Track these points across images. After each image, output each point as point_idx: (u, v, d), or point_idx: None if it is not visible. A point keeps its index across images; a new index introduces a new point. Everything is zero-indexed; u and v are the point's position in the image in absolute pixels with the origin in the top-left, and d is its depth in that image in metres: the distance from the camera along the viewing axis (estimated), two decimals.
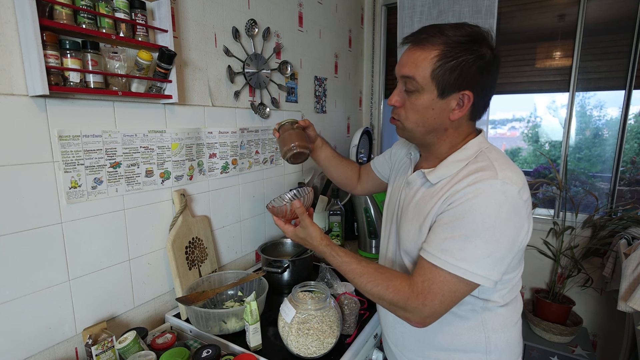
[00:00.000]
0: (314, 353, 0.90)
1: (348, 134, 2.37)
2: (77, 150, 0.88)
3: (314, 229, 0.84)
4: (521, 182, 0.67)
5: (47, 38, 0.77)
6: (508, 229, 0.65)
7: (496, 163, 0.69)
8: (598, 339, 2.04)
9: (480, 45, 0.69)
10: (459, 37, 0.68)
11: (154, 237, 1.11)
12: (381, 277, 0.73)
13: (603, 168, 2.02)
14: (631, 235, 1.64)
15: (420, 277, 0.68)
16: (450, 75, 0.68)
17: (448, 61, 0.67)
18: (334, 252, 0.80)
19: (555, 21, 1.98)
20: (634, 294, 1.33)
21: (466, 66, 0.68)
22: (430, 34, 0.70)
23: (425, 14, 2.13)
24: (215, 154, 1.30)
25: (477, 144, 0.76)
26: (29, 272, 0.82)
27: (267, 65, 1.51)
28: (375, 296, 0.73)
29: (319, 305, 0.91)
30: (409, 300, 0.67)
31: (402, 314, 0.70)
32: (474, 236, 0.64)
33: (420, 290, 0.67)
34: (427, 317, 0.68)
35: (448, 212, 0.68)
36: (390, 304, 0.71)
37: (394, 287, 0.70)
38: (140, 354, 0.85)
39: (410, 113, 0.75)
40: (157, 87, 1.02)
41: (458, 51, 0.67)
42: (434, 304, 0.66)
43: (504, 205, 0.64)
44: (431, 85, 0.70)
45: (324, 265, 1.17)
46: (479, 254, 0.64)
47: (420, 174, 0.80)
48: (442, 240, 0.67)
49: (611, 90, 1.93)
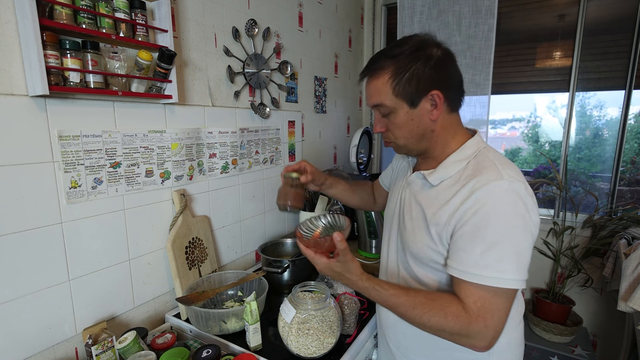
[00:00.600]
0: (314, 353, 0.90)
1: (348, 134, 2.37)
2: (77, 150, 0.88)
3: (354, 265, 0.74)
4: (523, 178, 0.70)
5: (47, 38, 0.77)
6: (527, 227, 0.66)
7: (497, 162, 0.71)
8: (598, 339, 2.04)
9: (424, 49, 0.73)
10: (402, 51, 0.73)
11: (154, 237, 1.11)
12: (436, 306, 0.68)
13: (603, 168, 2.02)
14: (631, 235, 1.64)
15: (469, 298, 0.66)
16: (410, 86, 0.72)
17: (402, 76, 0.72)
18: (378, 286, 0.73)
19: (555, 21, 1.98)
20: (634, 294, 1.33)
21: (419, 72, 0.72)
22: (378, 61, 0.76)
23: (425, 14, 2.13)
24: (215, 154, 1.30)
25: (475, 143, 0.78)
26: (29, 272, 0.82)
27: (267, 65, 1.51)
28: (433, 328, 0.68)
29: (319, 305, 0.91)
30: (471, 326, 0.65)
31: (465, 341, 0.67)
32: (504, 242, 0.65)
33: (477, 312, 0.65)
34: (492, 339, 0.66)
35: (467, 224, 0.68)
36: (452, 335, 0.67)
37: (452, 314, 0.66)
38: (140, 354, 0.85)
39: (396, 132, 0.79)
40: (157, 87, 1.02)
41: (406, 63, 0.72)
42: (494, 322, 0.65)
43: (517, 202, 0.66)
44: (399, 102, 0.74)
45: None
46: (515, 259, 0.65)
47: (420, 175, 0.81)
48: (477, 257, 0.66)
49: (611, 90, 1.93)
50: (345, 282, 0.76)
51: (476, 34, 2.00)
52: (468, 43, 2.03)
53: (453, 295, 0.70)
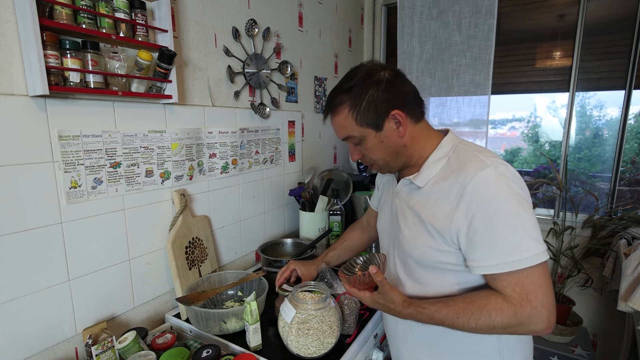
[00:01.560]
0: (314, 353, 0.90)
1: None
2: (77, 150, 0.88)
3: (395, 294, 0.76)
4: (504, 161, 0.73)
5: (47, 38, 0.77)
6: (524, 200, 0.69)
7: (476, 152, 0.75)
8: (598, 339, 2.04)
9: (372, 76, 0.76)
10: (354, 83, 0.77)
11: (154, 237, 1.11)
12: (476, 307, 0.69)
13: (603, 168, 2.02)
14: (631, 235, 1.64)
15: (507, 289, 0.67)
16: (369, 113, 0.76)
17: (359, 105, 0.76)
18: (420, 308, 0.75)
19: (555, 21, 1.98)
20: (634, 294, 1.33)
21: (374, 98, 0.75)
22: (334, 99, 0.80)
23: (425, 14, 2.13)
24: (215, 154, 1.30)
25: (450, 140, 0.81)
26: (29, 272, 0.82)
27: (267, 65, 1.51)
28: (484, 329, 0.69)
29: (319, 305, 0.91)
30: (518, 313, 0.66)
31: (523, 329, 0.67)
32: (517, 223, 0.66)
33: (519, 298, 0.66)
34: (549, 316, 0.66)
35: (475, 219, 0.69)
36: (505, 328, 0.68)
37: (494, 309, 0.67)
38: (140, 354, 0.85)
39: (372, 155, 0.83)
40: (157, 87, 1.02)
41: (359, 94, 0.76)
42: (542, 300, 0.65)
43: (508, 184, 0.69)
44: (365, 129, 0.78)
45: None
46: (532, 234, 0.66)
47: (406, 182, 0.83)
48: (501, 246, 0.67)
49: (611, 90, 1.93)
50: (392, 312, 0.78)
51: (476, 34, 2.00)
52: (468, 43, 2.03)
53: (489, 290, 0.71)
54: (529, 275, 0.66)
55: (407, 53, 2.19)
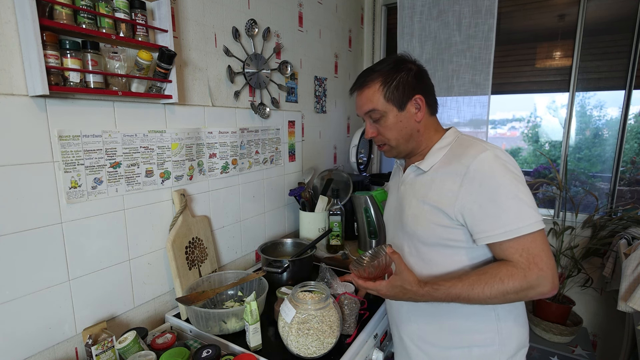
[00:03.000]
0: (314, 353, 0.90)
1: (348, 134, 2.37)
2: (77, 150, 0.88)
3: (411, 275, 0.79)
4: (500, 147, 0.82)
5: (47, 38, 0.77)
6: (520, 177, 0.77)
7: (476, 141, 0.84)
8: (598, 339, 2.04)
9: (405, 63, 0.87)
10: (386, 66, 0.87)
11: (154, 237, 1.11)
12: (489, 277, 0.74)
13: (603, 168, 2.02)
14: (631, 235, 1.64)
15: (515, 255, 0.73)
16: (397, 92, 0.86)
17: (390, 84, 0.85)
18: (435, 286, 0.78)
19: (555, 21, 1.98)
20: (634, 294, 1.33)
21: (404, 80, 0.85)
22: (366, 77, 0.89)
23: (425, 14, 2.13)
24: (215, 154, 1.30)
25: (453, 132, 0.91)
26: (29, 272, 0.82)
27: (267, 65, 1.51)
28: (498, 297, 0.73)
29: (319, 305, 0.91)
30: (528, 277, 0.71)
31: (532, 293, 0.72)
32: (514, 194, 0.73)
33: (527, 262, 0.72)
34: (554, 278, 0.72)
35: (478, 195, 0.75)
36: (517, 293, 0.72)
37: (506, 276, 0.72)
38: (140, 354, 0.85)
39: (387, 134, 0.90)
40: (157, 87, 1.02)
41: (392, 74, 0.86)
42: (545, 262, 0.72)
43: (505, 164, 0.77)
44: (389, 106, 0.87)
45: (324, 266, 1.17)
46: (529, 204, 0.74)
47: (413, 168, 0.91)
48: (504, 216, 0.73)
49: (611, 90, 1.93)
50: (409, 295, 0.80)
51: (476, 34, 2.00)
52: (468, 43, 2.03)
53: (498, 261, 0.77)
54: (533, 241, 0.73)
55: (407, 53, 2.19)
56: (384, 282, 0.82)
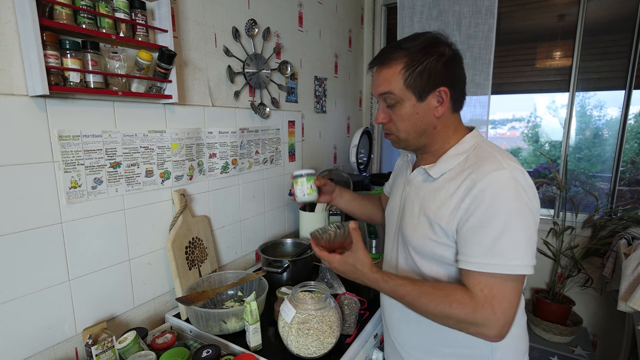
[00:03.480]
0: (314, 353, 0.90)
1: (348, 134, 2.37)
2: (77, 150, 0.88)
3: (365, 256, 0.78)
4: (522, 167, 0.72)
5: (47, 38, 0.77)
6: (530, 212, 0.68)
7: (496, 153, 0.73)
8: (598, 339, 2.04)
9: (437, 46, 0.75)
10: (416, 46, 0.75)
11: (154, 237, 1.11)
12: (441, 294, 0.70)
13: (603, 168, 2.02)
14: (631, 235, 1.64)
15: (476, 287, 0.67)
16: (420, 79, 0.74)
17: (415, 68, 0.74)
18: (386, 277, 0.76)
19: (555, 21, 1.98)
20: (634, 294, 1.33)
21: (431, 67, 0.74)
22: (391, 52, 0.77)
23: (425, 14, 2.13)
24: (215, 154, 1.30)
25: (473, 137, 0.80)
26: (29, 272, 0.82)
27: (267, 65, 1.51)
28: (439, 316, 0.70)
29: (319, 305, 0.91)
30: (477, 313, 0.66)
31: (474, 330, 0.67)
32: (511, 228, 0.66)
33: (484, 300, 0.66)
34: (503, 326, 0.66)
35: (473, 215, 0.69)
36: (458, 322, 0.68)
37: (457, 301, 0.67)
38: (140, 354, 0.85)
39: (399, 124, 0.80)
40: (157, 87, 1.02)
41: (420, 57, 0.74)
42: (503, 309, 0.65)
43: (519, 190, 0.68)
44: (408, 93, 0.76)
45: (324, 266, 1.17)
46: (524, 245, 0.66)
47: (421, 171, 0.82)
48: (490, 246, 0.66)
49: (611, 90, 1.93)
50: (358, 275, 0.78)
51: (476, 34, 2.00)
52: (468, 43, 2.03)
53: (461, 285, 0.71)
54: (503, 282, 0.66)
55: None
56: (337, 255, 0.80)
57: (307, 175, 1.01)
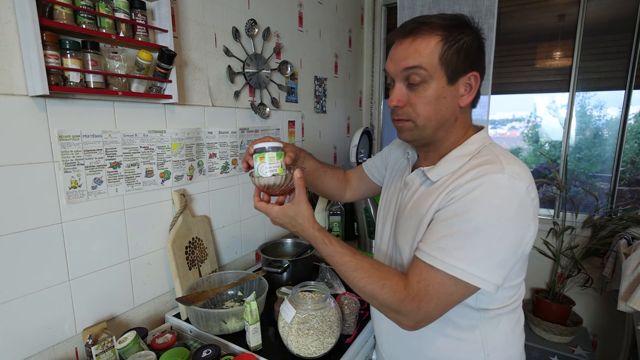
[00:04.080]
0: (314, 353, 0.90)
1: (348, 134, 2.37)
2: (77, 150, 0.88)
3: (307, 208, 0.71)
4: (529, 178, 0.63)
5: (47, 38, 0.77)
6: (513, 229, 0.60)
7: (502, 157, 0.65)
8: (598, 339, 2.04)
9: (471, 27, 0.68)
10: (448, 20, 0.66)
11: (154, 237, 1.11)
12: (377, 275, 0.65)
13: (603, 168, 2.02)
14: (631, 235, 1.64)
15: (415, 277, 0.63)
16: (457, 58, 0.65)
17: (452, 44, 0.64)
18: (327, 240, 0.70)
19: (555, 21, 1.98)
20: (634, 294, 1.33)
21: (468, 47, 0.65)
22: (422, 23, 0.66)
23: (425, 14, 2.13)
24: (215, 154, 1.30)
25: (480, 139, 0.72)
26: (29, 272, 0.82)
27: (267, 65, 1.51)
28: (367, 295, 0.66)
29: (319, 305, 0.91)
30: (404, 303, 0.62)
31: (393, 316, 0.65)
32: (474, 234, 0.59)
33: (416, 292, 0.62)
34: (421, 322, 0.63)
35: (447, 207, 0.63)
36: (382, 305, 0.65)
37: (389, 286, 0.64)
38: (140, 354, 0.85)
39: (420, 108, 0.68)
40: (157, 87, 1.02)
41: (457, 34, 0.65)
42: (429, 308, 0.61)
43: (511, 202, 0.60)
44: (440, 71, 0.65)
45: (324, 265, 1.17)
46: (479, 254, 0.59)
47: (420, 173, 0.75)
48: (439, 239, 0.62)
49: (611, 90, 1.93)
50: (297, 229, 0.72)
51: None
52: None
53: (402, 273, 0.67)
54: (439, 283, 0.61)
55: None
56: (276, 206, 0.73)
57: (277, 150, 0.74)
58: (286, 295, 1.00)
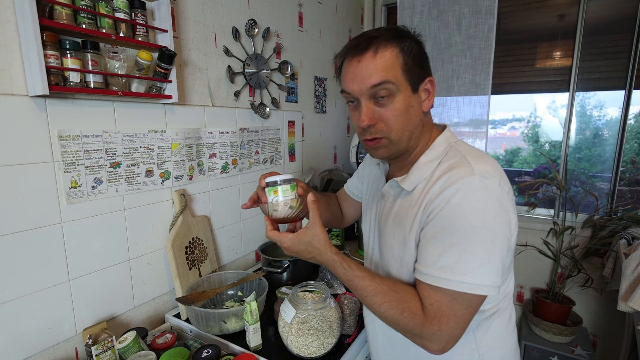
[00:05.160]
0: (314, 353, 0.90)
1: (348, 134, 2.37)
2: (77, 150, 0.88)
3: (322, 230, 0.68)
4: (499, 173, 0.64)
5: (47, 38, 0.77)
6: (500, 227, 0.61)
7: (469, 157, 0.65)
8: (598, 339, 2.04)
9: (410, 34, 0.69)
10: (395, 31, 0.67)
11: (154, 237, 1.11)
12: (396, 298, 0.65)
13: (603, 168, 2.02)
14: (631, 235, 1.64)
15: (426, 300, 0.63)
16: (414, 66, 0.66)
17: (408, 53, 0.65)
18: (345, 264, 0.67)
19: (555, 21, 1.98)
20: (634, 294, 1.33)
21: (417, 52, 0.67)
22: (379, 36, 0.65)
23: (425, 14, 2.13)
24: (215, 154, 1.30)
25: (445, 139, 0.72)
26: (29, 272, 0.82)
27: (267, 65, 1.51)
28: (389, 320, 0.66)
29: (319, 305, 0.91)
30: (425, 327, 0.61)
31: (419, 341, 0.64)
32: (466, 243, 0.59)
33: (433, 314, 0.61)
34: (447, 343, 0.62)
35: (431, 223, 0.64)
36: (405, 331, 0.64)
37: (409, 310, 0.63)
38: (140, 354, 0.85)
39: (392, 122, 0.67)
40: (157, 87, 1.02)
41: (407, 42, 0.66)
42: (450, 327, 0.61)
43: (488, 201, 0.60)
44: (405, 82, 0.66)
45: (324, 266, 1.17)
46: (478, 262, 0.59)
47: (394, 184, 0.75)
48: (436, 258, 0.62)
49: (611, 90, 1.93)
50: (313, 254, 0.69)
51: (476, 34, 2.00)
52: (468, 43, 2.03)
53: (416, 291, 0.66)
54: (452, 301, 0.60)
55: None
56: (289, 234, 0.69)
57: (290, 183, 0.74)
58: (286, 295, 1.00)
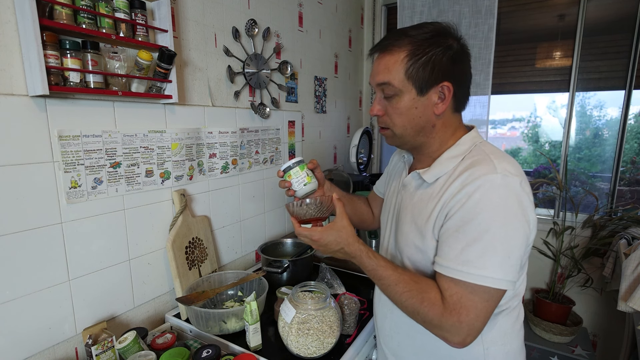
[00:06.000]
0: (314, 353, 0.90)
1: (348, 134, 2.37)
2: (77, 150, 0.88)
3: (349, 223, 0.74)
4: (520, 174, 0.66)
5: (47, 38, 0.77)
6: (519, 225, 0.63)
7: (493, 156, 0.68)
8: (598, 339, 2.04)
9: (445, 37, 0.70)
10: (423, 34, 0.70)
11: (154, 237, 1.11)
12: (417, 288, 0.67)
13: (603, 168, 2.02)
14: (631, 235, 1.64)
15: (447, 292, 0.65)
16: (423, 71, 0.69)
17: (418, 58, 0.69)
18: (371, 253, 0.72)
19: (555, 21, 1.99)
20: (634, 294, 1.33)
21: (437, 59, 0.69)
22: (394, 39, 0.71)
23: (425, 14, 2.13)
24: (215, 154, 1.30)
25: (471, 139, 0.75)
26: (29, 272, 0.82)
27: (267, 65, 1.51)
28: (409, 310, 0.68)
29: (319, 305, 0.91)
30: (444, 317, 0.63)
31: (439, 333, 0.65)
32: (488, 238, 0.62)
33: (453, 306, 0.63)
34: (468, 336, 0.63)
35: (453, 217, 0.66)
36: (425, 322, 0.66)
37: (429, 300, 0.65)
38: (140, 354, 0.85)
39: (395, 118, 0.74)
40: (157, 87, 1.02)
41: (425, 47, 0.69)
42: (470, 319, 0.62)
43: (509, 199, 0.63)
44: (408, 85, 0.70)
45: (324, 265, 1.17)
46: (500, 258, 0.62)
47: (416, 175, 0.78)
48: (459, 252, 0.64)
49: (611, 90, 1.93)
50: (342, 245, 0.73)
51: (476, 34, 2.00)
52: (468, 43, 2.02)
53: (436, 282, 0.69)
54: (472, 293, 0.62)
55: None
56: (319, 228, 0.74)
57: (299, 164, 0.88)
58: (286, 295, 1.00)
